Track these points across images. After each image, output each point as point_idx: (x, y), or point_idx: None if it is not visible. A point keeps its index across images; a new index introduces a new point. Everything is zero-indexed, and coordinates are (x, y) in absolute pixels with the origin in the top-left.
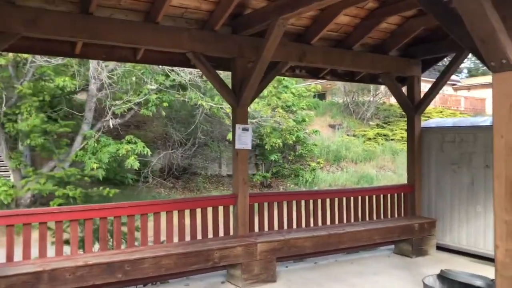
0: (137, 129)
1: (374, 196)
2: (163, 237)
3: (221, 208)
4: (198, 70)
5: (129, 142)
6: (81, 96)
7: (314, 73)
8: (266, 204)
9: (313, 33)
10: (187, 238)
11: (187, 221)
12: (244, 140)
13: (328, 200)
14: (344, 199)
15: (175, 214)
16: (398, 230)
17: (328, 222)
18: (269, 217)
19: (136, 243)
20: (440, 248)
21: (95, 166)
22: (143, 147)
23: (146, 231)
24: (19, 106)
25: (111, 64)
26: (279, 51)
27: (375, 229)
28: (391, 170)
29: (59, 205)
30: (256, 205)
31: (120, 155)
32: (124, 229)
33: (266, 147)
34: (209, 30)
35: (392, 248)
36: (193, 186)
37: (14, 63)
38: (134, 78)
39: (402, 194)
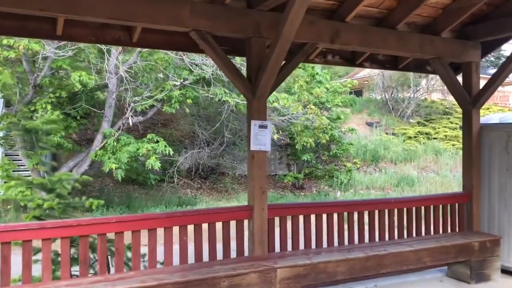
0: (164, 128)
1: (422, 208)
2: (162, 257)
3: (233, 223)
4: None
5: (150, 141)
6: (105, 93)
7: (349, 60)
8: (289, 218)
9: (348, 9)
10: (191, 260)
11: (192, 238)
12: (262, 140)
13: (366, 213)
14: (386, 211)
15: (176, 230)
16: (454, 250)
17: (366, 240)
18: (293, 234)
19: (127, 267)
20: (506, 271)
21: (114, 166)
22: (165, 146)
23: (139, 251)
24: (35, 103)
25: (131, 58)
26: (305, 30)
27: (425, 249)
28: (434, 171)
29: (38, 218)
30: (277, 219)
31: (140, 154)
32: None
33: (297, 146)
34: (219, 3)
35: (445, 270)
36: (221, 187)
37: (27, 57)
38: (159, 74)
39: (457, 204)
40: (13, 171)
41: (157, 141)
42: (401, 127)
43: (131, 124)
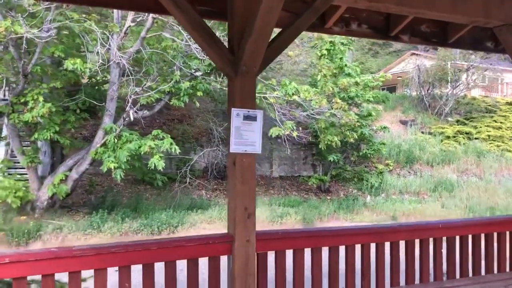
0: (179, 124)
1: (482, 236)
2: None
3: (203, 261)
4: None
5: (155, 138)
6: (106, 84)
7: (381, 30)
8: (290, 253)
9: None
10: None
11: (139, 281)
12: (249, 137)
13: (403, 243)
14: (431, 241)
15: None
16: None
17: (403, 282)
18: (295, 275)
19: None
20: None
21: (112, 166)
22: (171, 144)
23: None
24: (26, 93)
25: (135, 45)
26: None
27: None
28: (476, 175)
29: None
30: (270, 254)
31: (142, 153)
32: None
33: (320, 145)
34: None
35: None
36: None
37: (14, 42)
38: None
39: None
40: (8, 168)
41: (163, 138)
42: (438, 126)
43: (131, 118)
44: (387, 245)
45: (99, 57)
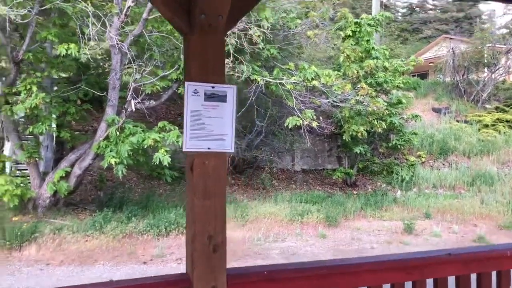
0: None
1: None
2: None
3: None
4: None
5: (162, 130)
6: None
7: None
8: None
9: None
10: None
11: None
12: (214, 128)
13: (451, 280)
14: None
15: None
16: None
17: None
18: None
19: None
20: None
21: (113, 161)
22: (178, 136)
23: None
24: (18, 83)
25: (137, 28)
26: None
27: None
28: None
29: None
30: None
31: (145, 146)
32: None
33: (344, 137)
34: None
35: None
36: (258, 183)
37: (1, 26)
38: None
39: None
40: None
41: (169, 130)
42: (475, 114)
43: (133, 109)
44: (430, 283)
45: (99, 43)
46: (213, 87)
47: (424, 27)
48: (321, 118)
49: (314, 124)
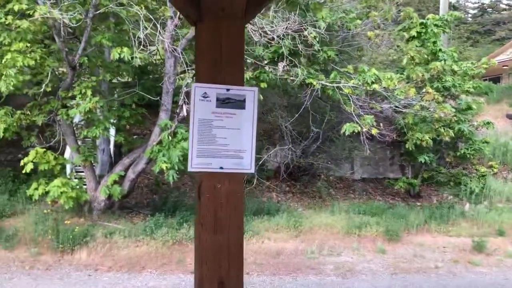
0: None
1: None
2: None
3: None
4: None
5: None
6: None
7: None
8: None
9: None
10: None
11: None
12: (229, 141)
13: None
14: None
15: None
16: None
17: None
18: None
19: None
20: None
21: (164, 166)
22: None
23: None
24: (74, 87)
25: (190, 32)
26: None
27: None
28: None
29: None
30: None
31: None
32: None
33: (407, 145)
34: None
35: None
36: (314, 192)
37: (57, 30)
38: None
39: None
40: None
41: None
42: None
43: (185, 114)
44: None
45: (149, 48)
46: (228, 89)
47: (497, 28)
48: (381, 124)
49: (374, 131)
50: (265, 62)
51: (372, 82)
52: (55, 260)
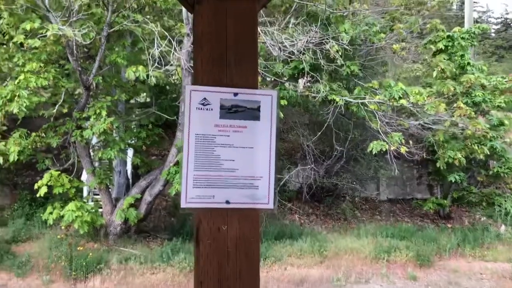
0: None
1: None
2: None
3: None
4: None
5: None
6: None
7: None
8: None
9: None
10: None
11: None
12: (239, 165)
13: None
14: None
15: None
16: None
17: None
18: None
19: None
20: None
21: (179, 188)
22: None
23: None
24: (89, 107)
25: None
26: None
27: None
28: None
29: None
30: None
31: None
32: None
33: (438, 164)
34: None
35: None
36: (339, 213)
37: (71, 49)
38: None
39: None
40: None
41: None
42: None
43: None
44: None
45: (169, 64)
46: (236, 94)
47: None
48: (410, 142)
49: (403, 149)
50: (285, 78)
51: (399, 98)
52: None
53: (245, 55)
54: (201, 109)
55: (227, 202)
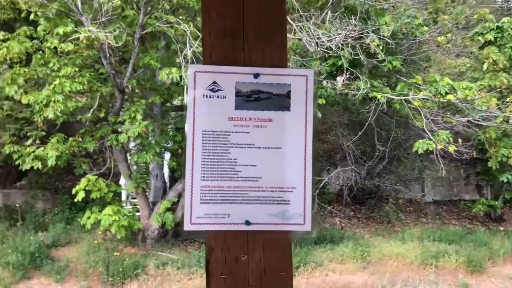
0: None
1: None
2: None
3: None
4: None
5: None
6: None
7: None
8: None
9: None
10: None
11: None
12: (259, 174)
13: None
14: None
15: None
16: None
17: None
18: None
19: None
20: None
21: None
22: None
23: None
24: (124, 111)
25: None
26: None
27: None
28: None
29: None
30: None
31: None
32: None
33: (490, 163)
34: None
35: None
36: (382, 216)
37: (105, 53)
38: None
39: None
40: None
41: None
42: None
43: None
44: None
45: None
46: (256, 75)
47: None
48: (459, 140)
49: (451, 148)
50: (322, 76)
51: (446, 93)
52: None
53: (270, 22)
54: (210, 96)
55: (248, 222)
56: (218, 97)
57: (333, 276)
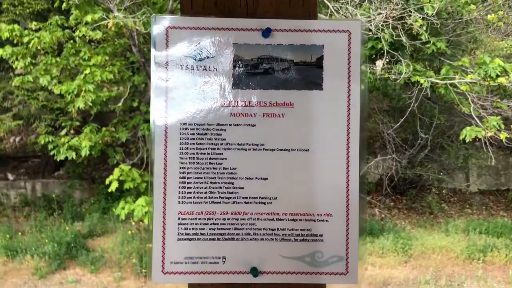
0: None
1: None
2: None
3: None
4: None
5: None
6: None
7: None
8: None
9: None
10: None
11: None
12: (281, 192)
13: None
14: None
15: None
16: None
17: None
18: None
19: None
20: None
21: None
22: None
23: None
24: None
25: None
26: None
27: None
28: None
29: None
30: None
31: None
32: None
33: None
34: None
35: None
36: (424, 207)
37: (135, 41)
38: None
39: None
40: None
41: None
42: None
43: None
44: None
45: None
46: (268, 30)
47: None
48: (511, 126)
49: (502, 136)
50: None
51: (497, 76)
52: (138, 287)
53: None
54: (192, 68)
55: (254, 271)
56: (205, 68)
57: (373, 270)
